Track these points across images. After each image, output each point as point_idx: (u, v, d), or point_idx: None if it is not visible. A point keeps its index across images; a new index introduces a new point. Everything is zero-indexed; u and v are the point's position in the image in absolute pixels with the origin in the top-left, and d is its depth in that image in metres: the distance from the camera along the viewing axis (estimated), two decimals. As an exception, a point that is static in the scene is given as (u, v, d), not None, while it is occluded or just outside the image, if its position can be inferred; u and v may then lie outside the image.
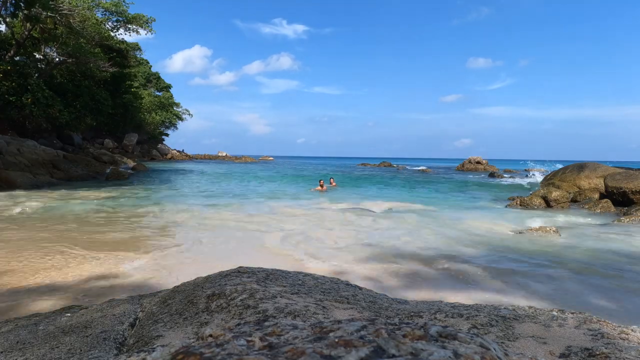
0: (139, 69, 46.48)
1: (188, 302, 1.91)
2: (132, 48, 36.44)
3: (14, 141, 17.33)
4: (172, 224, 7.87)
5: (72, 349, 1.57)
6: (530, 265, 5.14)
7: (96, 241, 5.99)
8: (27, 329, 1.89)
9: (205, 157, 66.57)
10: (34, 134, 24.11)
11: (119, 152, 36.29)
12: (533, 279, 4.60)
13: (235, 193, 14.27)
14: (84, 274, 4.35)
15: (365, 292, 2.12)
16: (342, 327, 0.67)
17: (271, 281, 2.05)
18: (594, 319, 1.50)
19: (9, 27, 22.74)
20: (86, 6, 23.01)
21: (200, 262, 4.98)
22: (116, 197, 11.77)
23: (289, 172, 30.68)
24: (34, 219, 7.79)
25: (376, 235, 6.86)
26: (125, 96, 35.41)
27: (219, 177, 22.62)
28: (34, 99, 20.02)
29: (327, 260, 5.15)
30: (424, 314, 1.65)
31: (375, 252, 5.62)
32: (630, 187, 11.33)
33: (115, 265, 4.74)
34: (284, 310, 1.60)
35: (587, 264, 5.25)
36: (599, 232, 7.53)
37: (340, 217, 8.90)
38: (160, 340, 1.59)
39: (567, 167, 15.05)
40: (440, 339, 0.62)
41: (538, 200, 11.71)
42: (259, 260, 4.89)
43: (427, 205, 11.66)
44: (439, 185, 19.63)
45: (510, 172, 35.12)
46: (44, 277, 4.18)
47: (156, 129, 53.39)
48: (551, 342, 1.30)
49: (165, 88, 59.25)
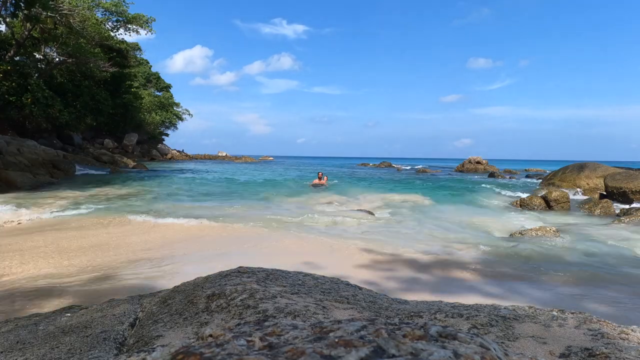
0: (139, 69, 46.49)
1: (188, 302, 1.91)
2: (132, 48, 36.46)
3: (14, 141, 17.34)
4: (171, 224, 7.87)
5: (72, 349, 1.57)
6: (530, 266, 5.14)
7: (96, 241, 5.99)
8: (27, 329, 1.89)
9: (205, 157, 66.59)
10: (34, 134, 24.12)
11: (119, 152, 36.30)
12: (533, 279, 4.60)
13: (236, 194, 14.28)
14: (84, 273, 4.35)
15: (365, 292, 2.12)
16: (342, 327, 0.67)
17: (271, 281, 2.05)
18: (594, 319, 1.50)
19: (9, 27, 22.75)
20: (86, 6, 23.01)
21: (200, 262, 4.98)
22: (113, 195, 11.78)
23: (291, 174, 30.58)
24: (34, 218, 7.79)
25: (375, 235, 6.85)
26: (125, 96, 35.42)
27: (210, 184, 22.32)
28: (34, 99, 20.02)
29: (327, 260, 5.15)
30: (424, 314, 1.65)
31: (374, 252, 5.62)
32: (630, 187, 11.34)
33: (116, 265, 4.74)
34: (284, 310, 1.60)
35: (586, 264, 5.25)
36: (599, 232, 7.53)
37: (339, 217, 8.90)
38: (160, 340, 1.59)
39: (567, 167, 15.06)
40: (440, 339, 0.62)
41: (538, 201, 11.72)
42: (259, 260, 4.89)
43: (426, 205, 11.66)
44: (439, 185, 19.62)
45: (511, 172, 35.13)
46: (43, 277, 4.18)
47: (156, 129, 53.40)
48: (551, 342, 1.30)
49: (165, 88, 59.28)
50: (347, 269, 4.78)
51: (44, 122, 22.31)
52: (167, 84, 59.63)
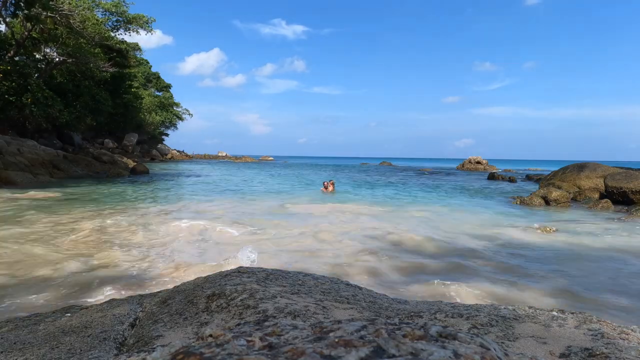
0: (139, 69, 46.49)
1: (188, 302, 1.91)
2: (132, 48, 36.44)
3: (14, 141, 17.34)
4: (171, 224, 7.87)
5: (72, 349, 1.57)
6: (530, 265, 5.14)
7: (96, 240, 5.99)
8: (27, 329, 1.89)
9: (205, 157, 66.66)
10: (34, 134, 24.12)
11: (119, 152, 36.32)
12: (532, 278, 4.60)
13: (235, 192, 14.27)
14: (84, 273, 4.35)
15: (365, 292, 2.12)
16: (342, 327, 0.67)
17: (271, 281, 2.05)
18: (594, 319, 1.50)
19: (9, 27, 22.74)
20: (86, 6, 22.99)
21: (200, 262, 4.98)
22: (117, 194, 11.77)
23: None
24: (34, 217, 7.79)
25: (375, 235, 6.85)
26: (125, 96, 35.41)
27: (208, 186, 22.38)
28: (34, 99, 20.01)
29: (327, 260, 5.15)
30: (424, 314, 1.65)
31: (374, 252, 5.62)
32: (630, 187, 11.33)
33: (116, 265, 4.74)
34: (284, 310, 1.60)
35: (586, 264, 5.26)
36: (599, 232, 7.53)
37: (339, 217, 8.89)
38: (160, 340, 1.59)
39: (567, 167, 15.06)
40: (440, 339, 0.62)
41: (538, 200, 11.72)
42: (259, 260, 4.89)
43: (425, 204, 11.66)
44: (438, 185, 19.62)
45: (510, 172, 35.16)
46: (45, 275, 4.18)
47: (156, 129, 53.43)
48: (551, 342, 1.30)
49: (165, 88, 59.31)
50: (347, 267, 4.77)
51: (44, 122, 22.30)
52: (167, 84, 59.66)
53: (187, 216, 8.28)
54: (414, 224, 8.08)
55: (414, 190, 16.81)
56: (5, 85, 19.56)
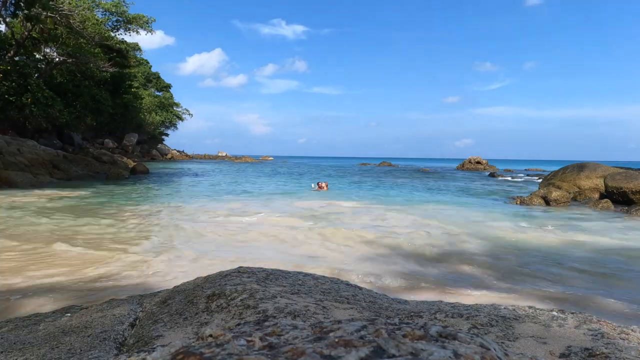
0: (139, 69, 46.47)
1: (188, 302, 1.91)
2: (132, 48, 36.41)
3: (14, 141, 17.34)
4: (171, 224, 7.87)
5: (72, 349, 1.57)
6: (530, 265, 5.14)
7: (96, 240, 5.99)
8: (27, 329, 1.89)
9: (205, 157, 66.66)
10: (34, 134, 24.12)
11: (119, 152, 36.35)
12: (532, 278, 4.60)
13: (237, 192, 14.28)
14: (85, 273, 4.35)
15: (365, 292, 2.12)
16: (342, 327, 0.67)
17: (271, 281, 2.05)
18: (594, 319, 1.50)
19: (9, 27, 22.73)
20: (86, 6, 22.97)
21: (200, 262, 4.98)
22: (116, 195, 11.77)
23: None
24: (33, 217, 7.79)
25: (375, 235, 6.85)
26: (125, 96, 35.40)
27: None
28: (34, 99, 20.00)
29: (328, 260, 5.15)
30: (424, 314, 1.65)
31: (374, 251, 5.62)
32: (630, 187, 11.33)
33: (116, 264, 4.74)
34: (284, 310, 1.60)
35: (586, 264, 5.25)
36: (599, 231, 7.53)
37: (340, 216, 8.89)
38: (160, 340, 1.59)
39: (567, 167, 15.05)
40: (440, 339, 0.62)
41: (538, 200, 11.72)
42: (258, 260, 4.89)
43: (425, 204, 11.65)
44: (438, 185, 19.62)
45: (511, 171, 35.16)
46: (44, 274, 4.18)
47: (156, 129, 53.44)
48: (551, 342, 1.30)
49: (165, 88, 59.29)
50: (347, 267, 4.77)
51: (44, 122, 22.30)
52: (167, 84, 59.65)
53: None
54: (414, 224, 8.08)
55: (414, 190, 16.81)
56: (5, 85, 19.56)
